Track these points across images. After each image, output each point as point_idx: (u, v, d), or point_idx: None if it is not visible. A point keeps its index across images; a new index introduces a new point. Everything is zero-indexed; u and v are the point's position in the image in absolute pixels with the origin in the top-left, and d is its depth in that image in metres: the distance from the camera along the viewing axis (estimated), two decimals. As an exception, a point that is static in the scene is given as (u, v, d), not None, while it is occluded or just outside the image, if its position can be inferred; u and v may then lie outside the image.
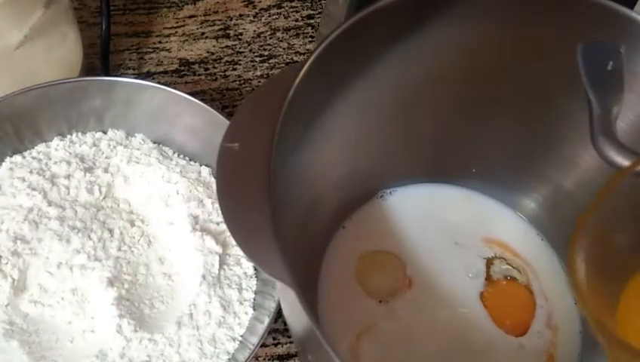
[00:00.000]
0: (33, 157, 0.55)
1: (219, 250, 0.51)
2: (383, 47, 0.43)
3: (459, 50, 0.45)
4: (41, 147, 0.56)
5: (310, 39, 0.71)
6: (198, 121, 0.55)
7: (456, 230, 0.54)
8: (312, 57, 0.38)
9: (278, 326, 0.55)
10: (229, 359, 0.49)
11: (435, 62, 0.46)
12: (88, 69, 0.66)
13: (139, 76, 0.67)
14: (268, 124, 0.35)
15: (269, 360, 0.55)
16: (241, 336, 0.50)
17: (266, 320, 0.48)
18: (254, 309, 0.51)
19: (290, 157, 0.38)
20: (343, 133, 0.47)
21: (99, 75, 0.64)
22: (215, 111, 0.54)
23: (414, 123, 0.50)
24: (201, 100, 0.56)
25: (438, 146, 0.52)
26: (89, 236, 0.51)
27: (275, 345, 0.55)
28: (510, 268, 0.53)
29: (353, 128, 0.48)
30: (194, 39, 0.69)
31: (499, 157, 0.52)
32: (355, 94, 0.45)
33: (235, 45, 0.69)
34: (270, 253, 0.31)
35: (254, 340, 0.48)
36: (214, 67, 0.68)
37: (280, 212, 0.33)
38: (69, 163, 0.54)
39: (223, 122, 0.54)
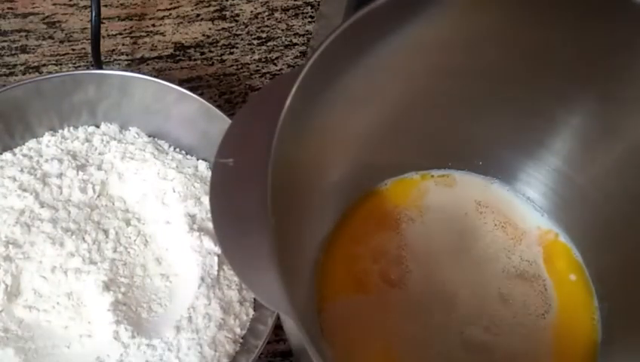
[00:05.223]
0: (24, 155, 0.53)
1: (217, 250, 0.50)
2: (384, 43, 0.41)
3: (463, 45, 0.43)
4: (32, 143, 0.54)
5: (310, 19, 0.68)
6: (193, 113, 0.53)
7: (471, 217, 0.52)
8: (310, 62, 0.35)
9: (280, 322, 0.54)
10: (230, 362, 0.48)
11: (439, 57, 0.44)
12: (80, 55, 0.64)
13: (132, 62, 0.64)
14: (264, 136, 0.33)
15: (270, 356, 0.54)
16: (243, 338, 0.49)
17: (269, 321, 0.47)
18: (255, 310, 0.50)
19: (290, 168, 0.36)
20: (345, 132, 0.45)
21: (90, 63, 0.62)
22: (209, 104, 0.52)
23: (417, 118, 0.48)
24: (198, 87, 0.54)
25: (443, 139, 0.50)
26: (83, 238, 0.49)
27: (277, 341, 0.54)
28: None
29: (355, 125, 0.46)
30: (189, 22, 0.67)
31: (504, 150, 0.50)
32: (355, 91, 0.42)
33: (231, 27, 0.67)
34: (273, 287, 0.29)
35: (256, 342, 0.47)
36: (210, 51, 0.65)
37: (281, 234, 0.31)
38: (60, 161, 0.52)
39: (217, 114, 0.52)
